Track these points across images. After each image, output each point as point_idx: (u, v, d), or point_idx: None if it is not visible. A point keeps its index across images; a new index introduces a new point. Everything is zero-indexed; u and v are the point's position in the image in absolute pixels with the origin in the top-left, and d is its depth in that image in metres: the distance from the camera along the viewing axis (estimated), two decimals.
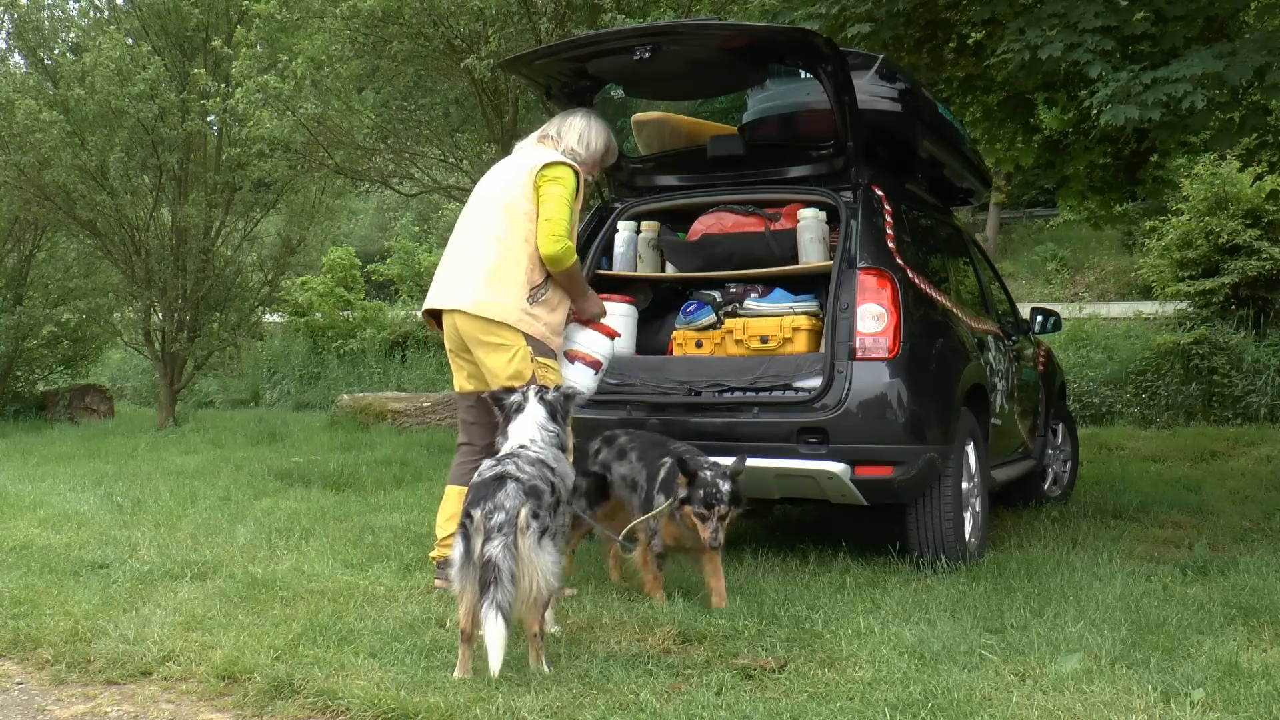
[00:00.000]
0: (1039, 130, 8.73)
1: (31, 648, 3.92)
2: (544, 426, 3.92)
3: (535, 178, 4.55)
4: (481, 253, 4.55)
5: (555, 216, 4.47)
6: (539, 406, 3.98)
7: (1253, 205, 12.72)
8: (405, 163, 12.76)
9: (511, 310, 4.44)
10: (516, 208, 4.53)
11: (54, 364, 16.27)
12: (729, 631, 3.90)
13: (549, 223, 4.46)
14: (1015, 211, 23.19)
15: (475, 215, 4.70)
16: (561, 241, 4.45)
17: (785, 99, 5.62)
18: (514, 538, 3.38)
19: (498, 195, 4.64)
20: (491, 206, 4.64)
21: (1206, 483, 7.88)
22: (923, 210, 5.86)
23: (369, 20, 9.76)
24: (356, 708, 3.24)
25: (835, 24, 6.60)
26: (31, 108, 12.18)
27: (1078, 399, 12.06)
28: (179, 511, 6.61)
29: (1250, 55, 5.39)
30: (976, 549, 5.23)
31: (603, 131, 4.85)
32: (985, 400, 5.56)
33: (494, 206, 4.62)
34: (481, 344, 4.48)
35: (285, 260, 14.98)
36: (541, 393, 4.05)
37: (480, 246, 4.57)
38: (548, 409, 3.98)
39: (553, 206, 4.48)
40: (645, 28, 5.02)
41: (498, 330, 4.44)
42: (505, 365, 4.42)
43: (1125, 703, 3.15)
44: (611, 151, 4.93)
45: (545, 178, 4.54)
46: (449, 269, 4.67)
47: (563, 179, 4.55)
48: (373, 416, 12.08)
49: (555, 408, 4.00)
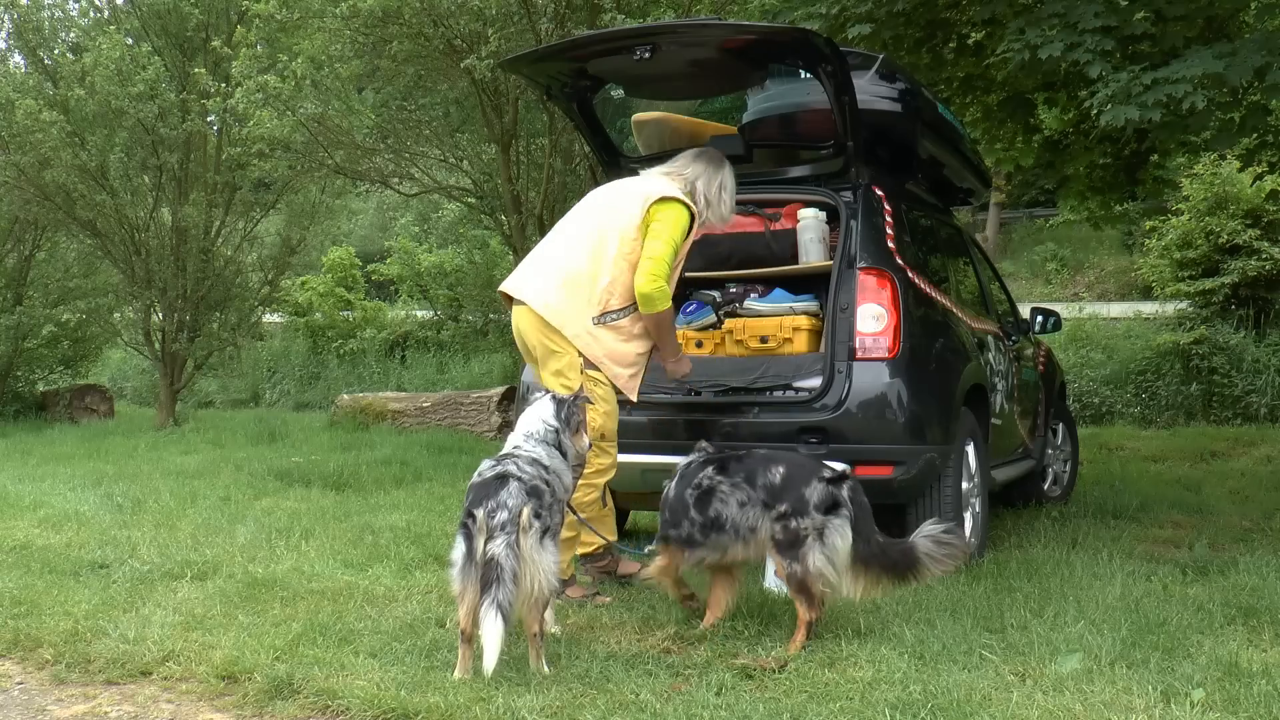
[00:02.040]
0: (1039, 130, 8.73)
1: (31, 648, 3.93)
2: (546, 422, 3.90)
3: (649, 207, 4.42)
4: (566, 257, 4.45)
5: (659, 255, 4.34)
6: (548, 404, 3.97)
7: (1253, 205, 12.71)
8: (405, 163, 12.78)
9: (573, 323, 4.35)
10: (617, 232, 4.40)
11: (54, 364, 16.27)
12: (729, 631, 3.91)
13: (651, 260, 4.33)
14: (1015, 211, 23.18)
15: (576, 220, 4.60)
16: (658, 283, 4.32)
17: (785, 99, 5.62)
18: (516, 537, 3.38)
19: (604, 208, 4.53)
20: (595, 217, 4.52)
21: (1206, 483, 7.88)
22: (923, 210, 5.86)
23: (369, 20, 9.77)
24: (356, 708, 3.24)
25: (835, 24, 6.59)
26: (31, 108, 12.19)
27: (1078, 399, 12.06)
28: (179, 511, 6.61)
29: (1250, 55, 5.39)
30: (976, 549, 5.23)
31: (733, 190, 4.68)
32: (985, 400, 5.56)
33: (597, 218, 4.51)
34: (538, 343, 4.42)
35: (285, 260, 14.99)
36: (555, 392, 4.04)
37: (568, 250, 4.48)
38: (555, 406, 3.96)
39: (660, 245, 4.35)
40: (645, 28, 5.02)
41: (553, 336, 4.37)
42: (551, 372, 4.38)
43: (1125, 703, 3.15)
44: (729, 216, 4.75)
45: (660, 210, 4.41)
46: (533, 260, 4.60)
47: (675, 218, 4.41)
48: (373, 416, 12.08)
49: (563, 407, 3.97)
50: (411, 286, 20.51)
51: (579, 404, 4.04)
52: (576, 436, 3.99)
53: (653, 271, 4.33)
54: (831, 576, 3.76)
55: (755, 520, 3.89)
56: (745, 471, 3.98)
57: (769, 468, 3.95)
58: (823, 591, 3.78)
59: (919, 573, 3.81)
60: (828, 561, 3.76)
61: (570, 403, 3.99)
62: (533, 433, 3.86)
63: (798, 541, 3.79)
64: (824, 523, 3.79)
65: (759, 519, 3.89)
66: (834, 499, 3.82)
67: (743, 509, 3.92)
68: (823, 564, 3.76)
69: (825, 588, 3.78)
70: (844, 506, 3.81)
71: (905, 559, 3.81)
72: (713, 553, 3.98)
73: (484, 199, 12.45)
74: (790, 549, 3.80)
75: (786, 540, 3.82)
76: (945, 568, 3.81)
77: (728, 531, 3.93)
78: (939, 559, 3.78)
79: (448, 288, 19.10)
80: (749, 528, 3.90)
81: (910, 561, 3.80)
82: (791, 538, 3.81)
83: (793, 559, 3.79)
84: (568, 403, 3.98)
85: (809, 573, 3.76)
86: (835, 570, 3.76)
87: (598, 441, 4.38)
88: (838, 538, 3.77)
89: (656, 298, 4.34)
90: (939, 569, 3.80)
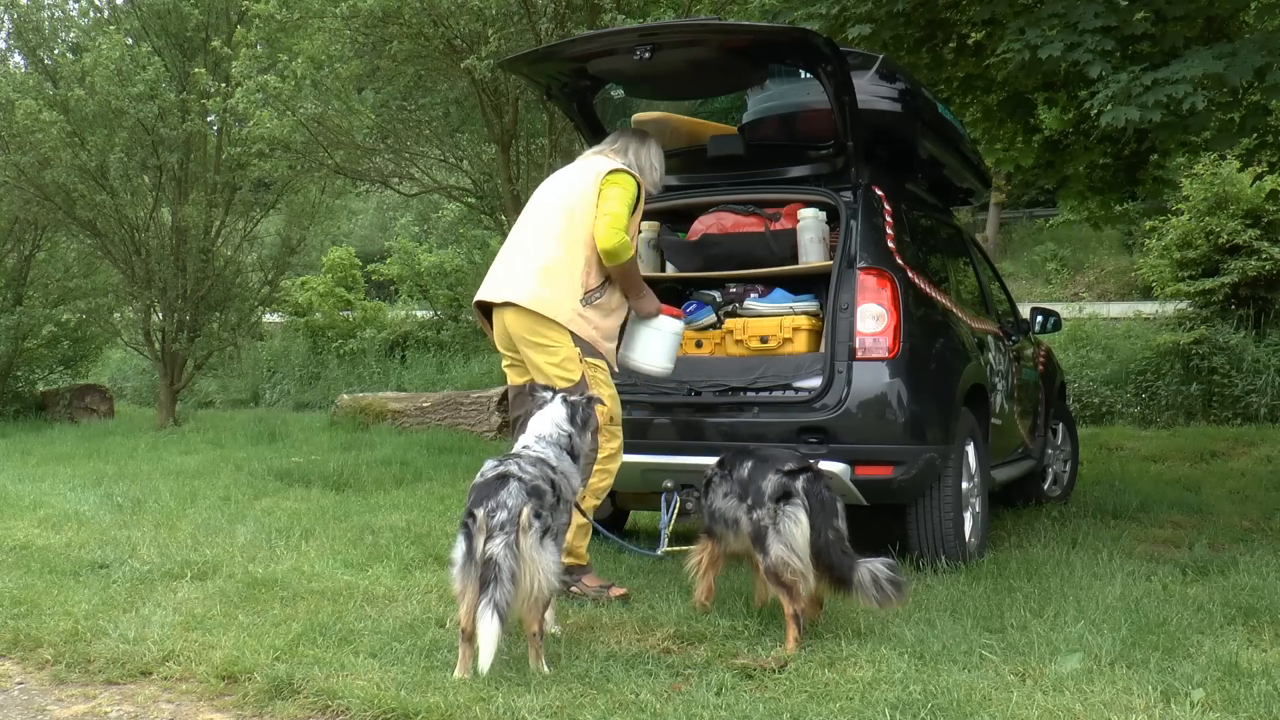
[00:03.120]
0: (1039, 130, 8.73)
1: (31, 648, 3.93)
2: (558, 425, 3.90)
3: (599, 182, 4.54)
4: (538, 250, 4.50)
5: (616, 212, 4.47)
6: (560, 407, 3.96)
7: (1253, 205, 12.72)
8: (405, 163, 12.77)
9: (563, 309, 4.40)
10: (578, 210, 4.51)
11: (54, 364, 16.28)
12: (729, 631, 3.91)
13: (608, 216, 4.45)
14: (1015, 211, 23.18)
15: (534, 216, 4.66)
16: (620, 235, 4.42)
17: (785, 99, 5.62)
18: (515, 536, 3.38)
19: (559, 198, 4.61)
20: (552, 209, 4.60)
21: (1206, 483, 7.88)
22: (923, 210, 5.86)
23: (369, 20, 9.77)
24: (356, 708, 3.24)
25: (835, 24, 6.60)
26: (31, 108, 12.20)
27: (1078, 399, 12.06)
28: (179, 511, 6.61)
29: (1250, 56, 5.39)
30: (976, 549, 5.23)
31: (662, 160, 4.89)
32: (985, 400, 5.56)
33: (555, 209, 4.59)
34: (528, 343, 4.42)
35: (285, 260, 15.00)
36: (567, 394, 4.04)
37: (537, 244, 4.53)
38: (568, 409, 3.95)
39: (613, 204, 4.48)
40: (645, 27, 5.00)
41: (546, 330, 4.39)
42: (552, 365, 4.39)
43: (1125, 703, 3.15)
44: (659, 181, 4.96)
45: (610, 179, 4.55)
46: (503, 264, 4.62)
47: (624, 184, 4.55)
48: (372, 416, 12.08)
49: (576, 410, 3.97)
50: (411, 286, 20.52)
51: (591, 406, 4.05)
52: (589, 436, 4.03)
53: (611, 225, 4.43)
54: (796, 564, 3.77)
55: (736, 512, 4.01)
56: (730, 465, 4.13)
57: (742, 462, 4.08)
58: (792, 580, 3.78)
59: (847, 591, 3.76)
60: (788, 549, 3.78)
61: (582, 405, 3.99)
62: (544, 435, 3.86)
63: (761, 533, 3.86)
64: (776, 511, 3.84)
65: (737, 511, 4.00)
66: (786, 489, 3.87)
67: (726, 499, 4.07)
68: (783, 552, 3.78)
69: (793, 577, 3.78)
70: (796, 496, 3.84)
71: (843, 572, 3.75)
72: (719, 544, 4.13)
73: (484, 199, 12.44)
74: (758, 541, 3.88)
75: (753, 533, 3.90)
76: (872, 604, 3.74)
77: (719, 521, 4.10)
78: (871, 594, 3.70)
79: (448, 288, 19.11)
80: (734, 519, 4.02)
81: (844, 577, 3.75)
82: (755, 529, 3.89)
83: (761, 550, 3.86)
84: (579, 405, 3.98)
85: (774, 562, 3.80)
86: (798, 557, 3.77)
87: (606, 426, 4.44)
88: (792, 525, 3.80)
89: (619, 250, 4.43)
90: (866, 601, 3.74)
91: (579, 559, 4.47)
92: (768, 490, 3.90)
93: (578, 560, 4.45)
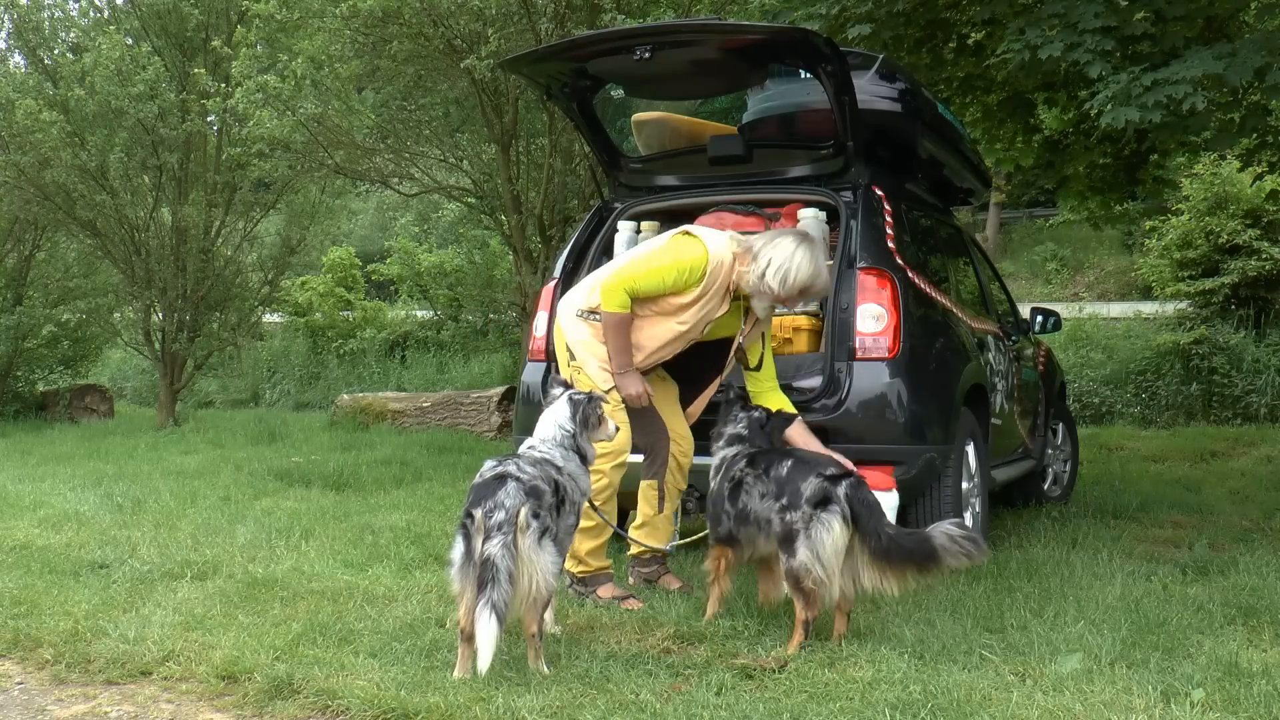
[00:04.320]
0: (1039, 130, 8.73)
1: (31, 648, 3.93)
2: (561, 426, 3.89)
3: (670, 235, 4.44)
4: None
5: (627, 273, 4.29)
6: (564, 406, 3.95)
7: (1253, 205, 12.72)
8: (405, 163, 12.77)
9: (568, 305, 4.53)
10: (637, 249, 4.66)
11: (54, 364, 16.28)
12: (729, 631, 3.91)
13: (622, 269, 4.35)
14: (1015, 211, 23.20)
15: None
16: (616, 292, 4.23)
17: (785, 99, 5.62)
18: (513, 537, 3.38)
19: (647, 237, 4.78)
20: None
21: (1206, 483, 7.88)
22: (923, 210, 5.86)
23: (369, 20, 9.77)
24: (356, 708, 3.24)
25: (835, 24, 6.59)
26: (31, 108, 12.19)
27: (1078, 399, 12.06)
28: (179, 511, 6.61)
29: (1250, 56, 5.39)
30: None
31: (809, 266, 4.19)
32: (985, 400, 5.56)
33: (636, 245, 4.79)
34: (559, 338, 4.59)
35: (285, 260, 14.99)
36: (573, 392, 4.04)
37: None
38: (571, 409, 3.93)
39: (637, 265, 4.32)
40: (645, 28, 5.01)
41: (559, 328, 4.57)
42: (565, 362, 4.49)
43: (1125, 703, 3.15)
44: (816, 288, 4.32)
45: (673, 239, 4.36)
46: None
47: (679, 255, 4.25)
48: (373, 416, 12.08)
49: (578, 408, 3.95)
50: (411, 286, 20.51)
51: (595, 404, 4.01)
52: (596, 432, 3.97)
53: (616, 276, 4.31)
54: (819, 573, 3.72)
55: (769, 513, 3.92)
56: (766, 463, 4.04)
57: (781, 461, 4.01)
58: (812, 589, 3.74)
59: (938, 561, 3.70)
60: (814, 556, 3.72)
61: (585, 404, 3.95)
62: (548, 437, 3.86)
63: (791, 535, 3.80)
64: (812, 516, 3.77)
65: (771, 511, 3.92)
66: (826, 494, 3.79)
67: (763, 501, 3.97)
68: (808, 558, 3.73)
69: (814, 585, 3.73)
70: (835, 502, 3.77)
71: (922, 548, 3.71)
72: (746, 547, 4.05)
73: (484, 199, 12.44)
74: (785, 542, 3.82)
75: (783, 533, 3.84)
76: (961, 562, 3.71)
77: (751, 524, 3.99)
78: (954, 553, 3.68)
79: (448, 288, 19.10)
80: (766, 520, 3.93)
81: (928, 551, 3.70)
82: (786, 530, 3.82)
83: (787, 552, 3.80)
84: (583, 404, 3.94)
85: (797, 567, 3.75)
86: (823, 566, 3.72)
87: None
88: (824, 532, 3.73)
89: (603, 300, 4.30)
90: (954, 562, 3.70)
91: (589, 567, 4.39)
92: (806, 493, 3.82)
93: (588, 569, 4.39)
